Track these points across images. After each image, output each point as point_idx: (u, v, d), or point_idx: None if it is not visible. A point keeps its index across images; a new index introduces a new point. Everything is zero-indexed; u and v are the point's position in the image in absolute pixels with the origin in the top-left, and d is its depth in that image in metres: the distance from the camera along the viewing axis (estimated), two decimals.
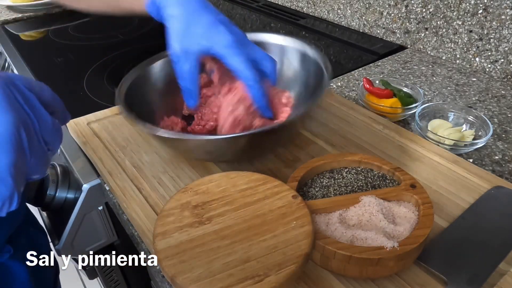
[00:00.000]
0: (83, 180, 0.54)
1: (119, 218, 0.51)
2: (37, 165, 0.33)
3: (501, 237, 0.41)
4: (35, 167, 0.33)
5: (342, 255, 0.34)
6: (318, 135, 0.57)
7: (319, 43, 0.96)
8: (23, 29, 1.17)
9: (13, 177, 0.30)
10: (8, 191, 0.30)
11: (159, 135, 0.43)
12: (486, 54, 0.76)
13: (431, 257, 0.38)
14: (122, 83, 0.51)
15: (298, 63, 0.58)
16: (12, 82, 0.31)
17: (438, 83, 0.75)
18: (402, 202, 0.41)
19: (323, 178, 0.44)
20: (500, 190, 0.46)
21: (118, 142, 0.56)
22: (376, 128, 0.58)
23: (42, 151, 0.33)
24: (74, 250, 0.58)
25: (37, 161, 0.33)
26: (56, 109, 0.37)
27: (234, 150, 0.47)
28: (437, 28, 0.82)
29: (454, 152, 0.54)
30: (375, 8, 0.93)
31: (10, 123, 0.29)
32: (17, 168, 0.30)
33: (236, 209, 0.37)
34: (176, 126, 0.54)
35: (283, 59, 0.58)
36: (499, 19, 0.71)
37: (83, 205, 0.55)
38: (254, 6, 1.24)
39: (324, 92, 0.48)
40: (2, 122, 0.29)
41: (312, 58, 0.55)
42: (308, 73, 0.56)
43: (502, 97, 0.69)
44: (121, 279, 0.75)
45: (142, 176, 0.50)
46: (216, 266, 0.32)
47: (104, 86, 0.80)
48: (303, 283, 0.37)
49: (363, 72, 0.80)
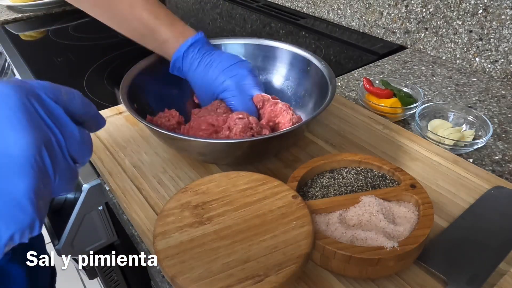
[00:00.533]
0: (83, 180, 0.54)
1: (119, 218, 0.51)
2: (63, 184, 0.29)
3: (501, 237, 0.41)
4: (61, 186, 0.29)
5: (342, 255, 0.34)
6: (318, 135, 0.57)
7: (319, 43, 0.96)
8: (23, 29, 1.17)
9: (34, 203, 0.26)
10: (28, 219, 0.26)
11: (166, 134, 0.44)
12: (486, 54, 0.76)
13: (431, 257, 0.38)
14: (124, 79, 0.52)
15: (303, 70, 0.59)
16: (33, 93, 0.28)
17: (438, 83, 0.75)
18: (402, 202, 0.41)
19: (323, 178, 0.44)
20: (500, 190, 0.46)
21: (118, 142, 0.56)
22: (376, 128, 0.58)
23: (68, 168, 0.29)
24: (74, 250, 0.58)
25: (63, 180, 0.29)
26: (87, 118, 0.33)
27: (238, 154, 0.47)
28: (437, 28, 0.82)
29: (454, 152, 0.54)
30: (375, 8, 0.93)
31: (28, 144, 0.26)
32: (39, 192, 0.27)
33: (236, 209, 0.37)
34: (172, 118, 0.53)
35: (290, 65, 0.61)
36: (499, 19, 0.71)
37: (83, 205, 0.55)
38: (254, 6, 1.24)
39: (330, 99, 0.48)
40: (19, 144, 0.25)
41: (317, 66, 0.56)
42: (313, 80, 0.57)
43: (502, 97, 0.69)
44: (121, 279, 0.75)
45: (142, 176, 0.50)
46: (216, 266, 0.32)
47: (104, 86, 0.80)
48: (303, 283, 0.37)
49: (363, 72, 0.80)
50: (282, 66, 0.62)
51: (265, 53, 0.62)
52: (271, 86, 0.62)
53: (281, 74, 0.62)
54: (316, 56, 0.58)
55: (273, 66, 0.62)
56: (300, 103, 0.59)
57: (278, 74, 0.62)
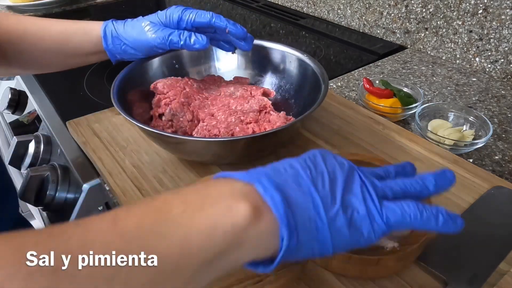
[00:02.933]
0: (83, 180, 0.54)
1: None
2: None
3: (501, 237, 0.41)
4: None
5: (342, 255, 0.34)
6: (318, 135, 0.57)
7: (319, 43, 0.96)
8: None
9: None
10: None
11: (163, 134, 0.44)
12: (486, 54, 0.76)
13: (431, 257, 0.38)
14: (115, 80, 0.53)
15: (296, 68, 0.59)
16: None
17: (438, 83, 0.75)
18: None
19: None
20: (500, 190, 0.46)
21: (118, 142, 0.56)
22: (376, 128, 0.58)
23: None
24: None
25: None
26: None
27: (235, 153, 0.48)
28: (437, 28, 0.82)
29: (454, 152, 0.54)
30: (375, 8, 0.93)
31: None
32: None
33: None
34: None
35: (283, 63, 0.60)
36: (499, 19, 0.71)
37: (83, 205, 0.55)
38: (254, 6, 1.24)
39: (323, 96, 0.48)
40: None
41: (309, 64, 0.56)
42: (305, 78, 0.57)
43: (502, 97, 0.69)
44: None
45: (142, 176, 0.50)
46: None
47: (104, 86, 0.79)
48: (303, 283, 0.37)
49: (363, 72, 0.80)
50: (274, 65, 0.62)
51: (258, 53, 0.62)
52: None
53: (272, 74, 0.62)
54: (308, 55, 0.58)
55: (267, 66, 0.62)
56: (293, 101, 0.59)
57: (270, 74, 0.62)
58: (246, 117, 0.51)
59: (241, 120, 0.51)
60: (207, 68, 0.63)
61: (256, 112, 0.53)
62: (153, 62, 0.58)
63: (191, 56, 0.62)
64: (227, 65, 0.63)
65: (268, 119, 0.53)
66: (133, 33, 0.51)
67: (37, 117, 0.79)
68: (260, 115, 0.53)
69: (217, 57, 0.63)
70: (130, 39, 0.52)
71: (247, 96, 0.57)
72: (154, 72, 0.58)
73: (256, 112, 0.53)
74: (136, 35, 0.51)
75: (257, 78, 0.63)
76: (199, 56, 0.62)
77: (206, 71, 0.63)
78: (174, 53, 0.60)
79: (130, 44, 0.52)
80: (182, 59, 0.61)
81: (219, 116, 0.52)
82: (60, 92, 0.78)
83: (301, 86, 0.58)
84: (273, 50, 0.61)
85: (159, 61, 0.59)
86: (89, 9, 1.29)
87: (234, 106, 0.55)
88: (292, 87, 0.59)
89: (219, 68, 0.64)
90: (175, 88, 0.54)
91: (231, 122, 0.51)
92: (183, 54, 0.61)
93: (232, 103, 0.55)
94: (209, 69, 0.63)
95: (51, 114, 0.70)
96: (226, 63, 0.63)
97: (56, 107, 0.72)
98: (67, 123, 0.61)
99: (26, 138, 0.69)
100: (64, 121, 0.63)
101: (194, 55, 0.62)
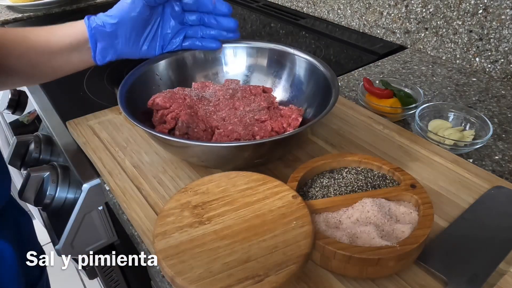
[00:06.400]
0: (83, 180, 0.54)
1: (119, 218, 0.51)
2: None
3: (501, 237, 0.41)
4: None
5: (342, 255, 0.34)
6: (318, 135, 0.57)
7: (319, 43, 0.96)
8: None
9: None
10: None
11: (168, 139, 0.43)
12: (486, 54, 0.76)
13: (431, 257, 0.38)
14: (123, 83, 0.52)
15: (307, 74, 0.58)
16: None
17: (438, 83, 0.75)
18: (402, 202, 0.41)
19: (323, 178, 0.44)
20: (500, 190, 0.46)
21: (118, 142, 0.56)
22: (376, 128, 0.58)
23: None
24: (74, 250, 0.58)
25: None
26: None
27: (245, 158, 0.46)
28: (437, 28, 0.82)
29: (454, 152, 0.54)
30: (375, 8, 0.93)
31: None
32: None
33: (236, 209, 0.37)
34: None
35: (293, 68, 0.60)
36: (499, 19, 0.71)
37: (83, 205, 0.55)
38: (254, 6, 1.24)
39: (334, 103, 0.47)
40: None
41: (320, 70, 0.55)
42: (317, 84, 0.56)
43: (502, 97, 0.69)
44: (121, 279, 0.75)
45: (142, 176, 0.50)
46: (216, 266, 0.32)
47: (104, 86, 0.80)
48: (303, 283, 0.37)
49: (363, 72, 0.80)
50: (286, 68, 0.61)
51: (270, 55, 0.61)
52: (278, 93, 0.61)
53: (283, 78, 0.61)
54: (318, 58, 0.57)
55: (278, 69, 0.61)
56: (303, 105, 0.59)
57: (281, 77, 0.61)
58: (260, 116, 0.51)
59: (256, 119, 0.51)
60: (214, 73, 0.62)
61: (266, 109, 0.53)
62: (159, 65, 0.58)
63: (198, 60, 0.61)
64: (235, 69, 0.63)
65: (279, 113, 0.53)
66: (115, 9, 0.52)
67: (37, 117, 0.79)
68: (270, 111, 0.53)
69: (225, 61, 0.62)
70: (110, 13, 0.52)
71: (249, 95, 0.57)
72: (161, 73, 0.58)
73: (266, 109, 0.53)
74: (117, 6, 0.52)
75: (274, 79, 0.62)
76: (206, 60, 0.62)
77: (214, 75, 0.62)
78: (180, 55, 0.59)
79: (110, 19, 0.51)
80: (187, 64, 0.60)
81: (231, 120, 0.52)
82: (60, 92, 0.78)
83: (309, 86, 0.58)
84: (283, 52, 0.60)
85: (165, 64, 0.58)
86: (89, 9, 1.29)
87: (242, 107, 0.54)
88: (298, 87, 0.59)
89: (227, 72, 0.63)
90: (176, 101, 0.52)
91: (247, 123, 0.50)
92: (189, 59, 0.60)
93: (238, 105, 0.55)
94: (217, 73, 0.62)
95: (51, 114, 0.70)
96: (234, 67, 0.63)
97: (56, 107, 0.72)
98: (67, 123, 0.61)
99: (26, 138, 0.69)
100: (64, 121, 0.63)
101: (201, 59, 0.61)
